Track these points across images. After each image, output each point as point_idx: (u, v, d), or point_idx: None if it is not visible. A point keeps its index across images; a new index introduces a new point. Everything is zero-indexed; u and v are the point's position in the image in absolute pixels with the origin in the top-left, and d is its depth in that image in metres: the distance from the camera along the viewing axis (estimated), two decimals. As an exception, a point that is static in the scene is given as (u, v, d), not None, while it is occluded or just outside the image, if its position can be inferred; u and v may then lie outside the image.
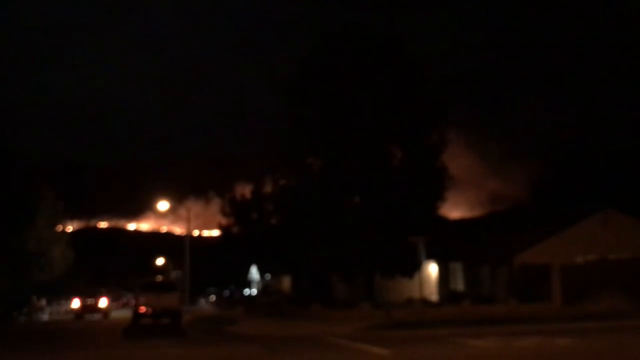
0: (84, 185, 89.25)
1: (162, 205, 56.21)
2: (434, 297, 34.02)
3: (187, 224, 53.55)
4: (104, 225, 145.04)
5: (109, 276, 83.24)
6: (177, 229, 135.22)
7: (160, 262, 78.79)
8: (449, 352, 15.22)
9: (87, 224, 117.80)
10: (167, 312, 26.11)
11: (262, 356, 15.55)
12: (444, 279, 35.00)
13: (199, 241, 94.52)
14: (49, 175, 59.75)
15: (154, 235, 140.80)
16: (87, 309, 40.97)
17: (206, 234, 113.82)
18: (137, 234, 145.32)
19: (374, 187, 28.16)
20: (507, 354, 14.77)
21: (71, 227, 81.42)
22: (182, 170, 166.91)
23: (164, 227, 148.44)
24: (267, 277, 66.05)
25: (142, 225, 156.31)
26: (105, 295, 43.70)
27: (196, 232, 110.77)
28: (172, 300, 26.42)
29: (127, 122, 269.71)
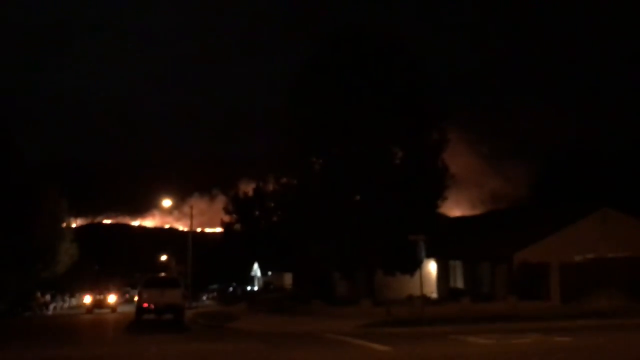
0: (89, 182, 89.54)
1: (166, 202, 56.90)
2: (434, 294, 34.20)
3: (190, 221, 53.84)
4: (108, 221, 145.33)
5: (113, 272, 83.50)
6: (181, 227, 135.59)
7: (163, 258, 79.13)
8: (448, 349, 15.34)
9: (92, 220, 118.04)
10: (170, 307, 26.29)
11: (263, 352, 15.65)
12: (444, 276, 35.18)
13: (202, 238, 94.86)
14: (53, 172, 60.02)
15: (157, 232, 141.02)
16: (98, 304, 45.98)
17: (210, 231, 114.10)
18: (141, 230, 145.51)
19: (375, 186, 28.23)
20: (506, 351, 14.88)
21: (75, 224, 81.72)
22: (187, 168, 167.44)
23: (166, 225, 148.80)
24: (269, 274, 66.36)
25: (146, 222, 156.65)
26: (113, 292, 49.21)
27: (199, 229, 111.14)
28: (175, 296, 26.58)
29: (132, 120, 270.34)
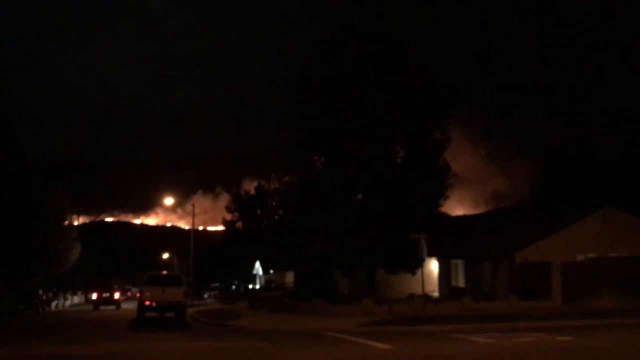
0: (92, 180, 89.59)
1: (168, 200, 57.11)
2: (435, 293, 34.21)
3: (192, 219, 53.92)
4: (110, 219, 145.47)
5: (115, 270, 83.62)
6: (184, 225, 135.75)
7: (165, 256, 79.22)
8: (450, 348, 15.34)
9: (94, 218, 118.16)
10: (172, 305, 26.34)
11: (265, 350, 15.65)
12: (446, 275, 35.19)
13: (205, 236, 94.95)
14: (56, 170, 60.13)
15: (160, 230, 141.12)
16: (103, 301, 49.74)
17: (212, 229, 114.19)
18: (144, 228, 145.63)
19: (377, 184, 28.26)
20: (507, 350, 14.88)
21: (78, 222, 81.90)
22: (191, 166, 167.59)
23: (169, 223, 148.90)
24: (271, 272, 66.46)
25: (148, 220, 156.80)
26: (118, 290, 53.19)
27: (201, 228, 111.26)
28: (177, 294, 26.63)
29: (136, 118, 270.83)
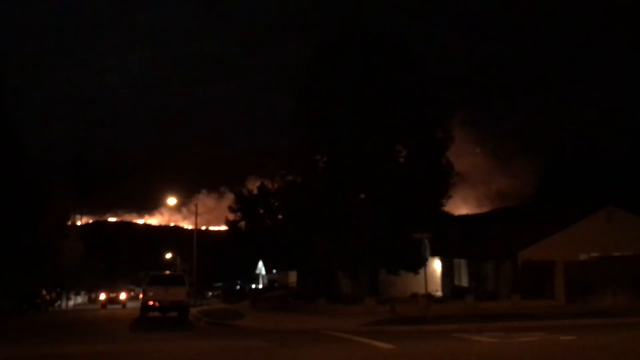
0: (95, 180, 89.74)
1: (171, 201, 57.19)
2: (438, 293, 34.17)
3: (195, 219, 53.89)
4: (113, 219, 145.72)
5: (118, 270, 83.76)
6: (188, 225, 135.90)
7: (168, 256, 79.36)
8: (453, 347, 15.32)
9: (97, 218, 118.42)
10: (175, 305, 26.33)
11: (268, 350, 15.62)
12: (449, 274, 35.15)
13: (208, 236, 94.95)
14: (59, 170, 60.29)
15: (162, 230, 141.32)
16: (111, 301, 55.72)
17: (215, 229, 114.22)
18: (146, 228, 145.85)
19: (379, 184, 28.22)
20: (510, 349, 14.85)
21: (81, 222, 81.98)
22: (195, 166, 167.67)
23: (172, 223, 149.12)
24: (274, 272, 66.46)
25: (151, 220, 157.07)
26: (124, 290, 59.68)
27: (204, 227, 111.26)
28: (180, 293, 26.61)
29: (139, 119, 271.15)
